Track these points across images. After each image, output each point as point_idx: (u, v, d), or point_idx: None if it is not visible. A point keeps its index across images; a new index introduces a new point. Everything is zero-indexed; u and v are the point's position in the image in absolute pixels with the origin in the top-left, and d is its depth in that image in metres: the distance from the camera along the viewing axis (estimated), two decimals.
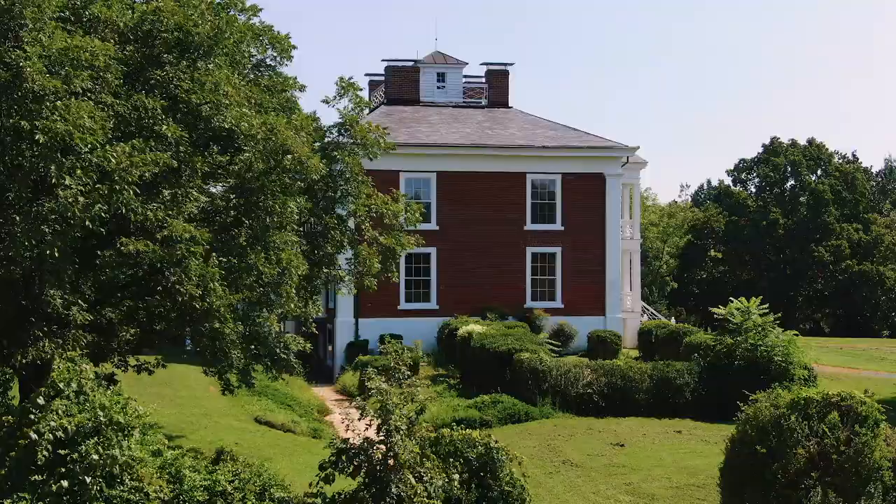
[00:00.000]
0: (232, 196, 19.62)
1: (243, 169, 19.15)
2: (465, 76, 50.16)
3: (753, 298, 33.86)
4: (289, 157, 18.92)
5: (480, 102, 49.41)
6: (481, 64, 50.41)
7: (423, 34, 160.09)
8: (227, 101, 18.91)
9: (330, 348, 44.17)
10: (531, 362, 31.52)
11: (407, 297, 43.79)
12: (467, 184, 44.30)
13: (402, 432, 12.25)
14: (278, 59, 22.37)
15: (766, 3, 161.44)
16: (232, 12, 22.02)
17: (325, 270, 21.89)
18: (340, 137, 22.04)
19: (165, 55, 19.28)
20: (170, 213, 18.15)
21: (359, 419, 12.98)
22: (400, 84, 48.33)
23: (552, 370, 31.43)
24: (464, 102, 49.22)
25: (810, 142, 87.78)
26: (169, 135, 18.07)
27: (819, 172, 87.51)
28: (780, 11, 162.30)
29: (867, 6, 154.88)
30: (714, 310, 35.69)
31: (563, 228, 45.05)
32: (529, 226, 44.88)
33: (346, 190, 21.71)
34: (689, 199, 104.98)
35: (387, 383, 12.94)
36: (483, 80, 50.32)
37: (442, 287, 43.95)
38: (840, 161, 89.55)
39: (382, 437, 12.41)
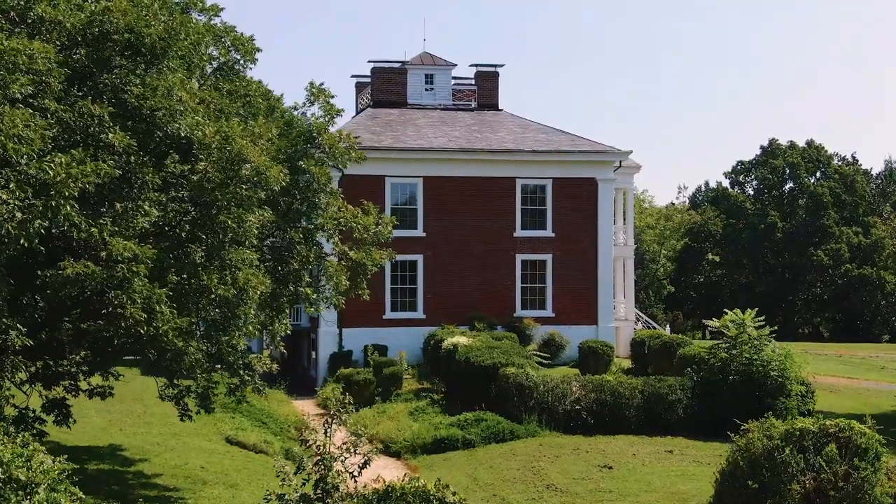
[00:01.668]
0: (192, 208, 18.29)
1: (201, 179, 17.85)
2: (455, 77, 48.80)
3: (749, 310, 32.55)
4: (247, 166, 17.60)
5: (470, 105, 48.05)
6: (470, 65, 49.13)
7: (412, 35, 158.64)
8: (182, 108, 17.60)
9: (314, 355, 42.81)
10: (517, 377, 30.19)
11: (393, 306, 42.48)
12: (455, 189, 43.00)
13: (341, 491, 10.93)
14: (242, 61, 21.08)
15: (764, 5, 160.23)
16: (192, 13, 20.74)
17: (291, 287, 20.59)
18: (308, 146, 20.74)
19: (116, 58, 17.98)
20: (118, 228, 16.83)
21: (295, 473, 11.65)
22: (386, 86, 46.97)
23: (538, 386, 30.10)
24: (452, 105, 47.86)
25: (809, 143, 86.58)
26: (116, 143, 16.75)
27: (818, 175, 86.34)
28: (778, 13, 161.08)
29: (866, 7, 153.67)
30: (708, 322, 34.42)
31: (553, 235, 43.76)
32: (519, 232, 43.57)
33: (312, 202, 20.40)
34: (687, 201, 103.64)
35: (326, 435, 11.62)
36: (472, 81, 48.96)
37: (429, 295, 42.64)
38: (839, 163, 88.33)
39: (320, 495, 11.11)
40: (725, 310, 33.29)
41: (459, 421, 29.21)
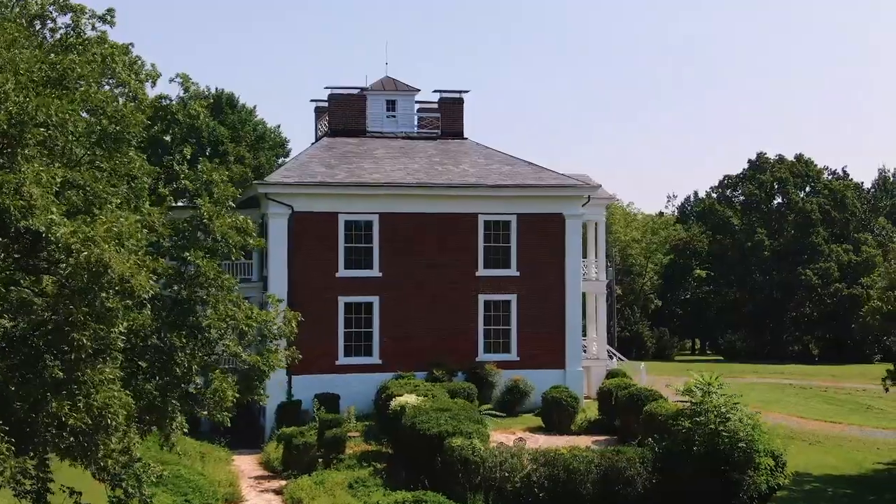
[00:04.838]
0: (52, 315, 15.88)
1: (59, 283, 15.52)
2: (419, 102, 46.19)
3: (715, 374, 30.29)
4: (111, 271, 15.21)
5: (435, 132, 45.44)
6: (434, 91, 46.51)
7: (374, 59, 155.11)
8: (34, 204, 15.23)
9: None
10: (462, 451, 27.80)
11: (346, 351, 39.99)
12: (414, 226, 40.49)
13: None
14: (126, 135, 18.67)
15: (757, 14, 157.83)
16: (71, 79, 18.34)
17: (179, 388, 18.21)
18: (196, 234, 18.36)
19: None
20: None
21: None
22: (344, 114, 44.37)
23: (486, 461, 27.76)
24: (416, 132, 45.28)
25: (798, 158, 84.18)
26: None
27: (807, 190, 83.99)
28: (773, 23, 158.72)
29: (861, 18, 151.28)
30: (671, 385, 32.11)
31: (518, 274, 41.27)
32: (482, 271, 41.08)
33: (200, 298, 18.06)
34: (675, 212, 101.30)
35: None
36: (437, 107, 46.32)
37: (385, 339, 40.16)
38: (829, 177, 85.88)
39: None
40: (693, 373, 30.88)
41: (397, 502, 26.79)
